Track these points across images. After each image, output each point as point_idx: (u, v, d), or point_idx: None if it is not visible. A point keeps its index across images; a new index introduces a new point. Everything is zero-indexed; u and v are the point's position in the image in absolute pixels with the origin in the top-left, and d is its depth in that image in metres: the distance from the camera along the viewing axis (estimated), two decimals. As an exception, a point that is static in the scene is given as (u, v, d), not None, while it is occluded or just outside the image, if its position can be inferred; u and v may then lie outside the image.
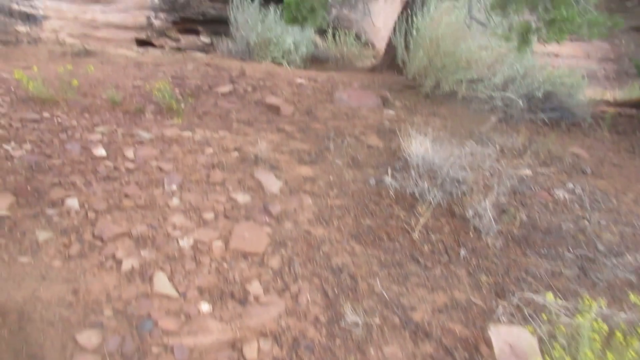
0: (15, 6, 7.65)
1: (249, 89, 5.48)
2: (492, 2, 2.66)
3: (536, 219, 3.56)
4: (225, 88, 5.39)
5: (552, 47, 9.36)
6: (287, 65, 6.94)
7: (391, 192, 3.60)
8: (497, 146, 4.60)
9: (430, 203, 3.46)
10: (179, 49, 8.06)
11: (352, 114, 5.15)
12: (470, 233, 3.32)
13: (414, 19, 5.74)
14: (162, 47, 8.03)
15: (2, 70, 5.24)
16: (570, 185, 4.09)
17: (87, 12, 7.76)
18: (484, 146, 4.56)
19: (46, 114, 4.14)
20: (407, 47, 6.09)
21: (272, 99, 5.09)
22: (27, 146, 3.58)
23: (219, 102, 5.05)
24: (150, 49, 7.86)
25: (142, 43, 8.12)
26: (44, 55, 6.34)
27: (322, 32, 8.43)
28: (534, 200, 3.81)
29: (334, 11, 8.70)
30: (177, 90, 5.16)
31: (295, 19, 3.59)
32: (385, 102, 5.55)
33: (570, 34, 2.92)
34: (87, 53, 6.39)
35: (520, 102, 5.30)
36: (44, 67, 5.74)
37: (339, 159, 4.07)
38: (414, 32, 5.70)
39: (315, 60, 7.90)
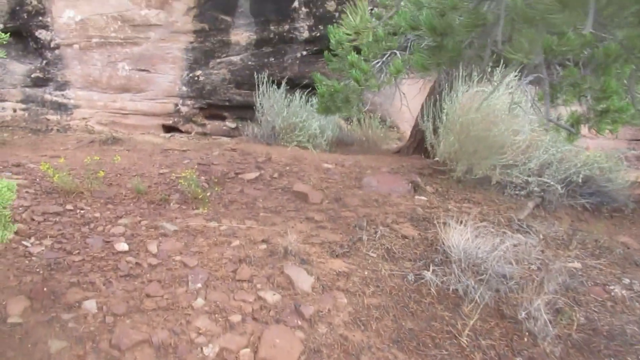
0: (48, 96, 7.88)
1: (276, 175, 5.37)
2: (539, 93, 2.54)
3: (595, 321, 3.21)
4: (252, 174, 5.29)
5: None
6: (312, 149, 6.88)
7: (432, 290, 3.32)
8: (540, 235, 4.32)
9: (477, 302, 3.16)
10: (204, 134, 8.12)
11: (383, 200, 4.95)
12: (525, 337, 2.98)
13: (443, 103, 5.69)
14: (188, 132, 8.11)
15: (30, 161, 5.24)
16: (626, 281, 3.74)
17: (116, 100, 7.95)
18: (526, 235, 4.28)
19: (69, 206, 4.03)
20: (435, 131, 6.00)
21: (299, 186, 4.95)
22: (47, 242, 3.42)
23: (245, 190, 4.93)
24: (177, 135, 7.94)
25: (169, 129, 8.23)
26: (72, 144, 6.39)
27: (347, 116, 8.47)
28: (589, 297, 3.47)
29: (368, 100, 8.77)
30: (202, 178, 5.07)
31: (328, 109, 3.51)
32: (416, 188, 5.36)
33: (624, 125, 2.75)
34: (115, 140, 6.43)
35: (559, 188, 5.05)
36: (71, 155, 5.76)
37: (373, 251, 3.82)
38: (444, 117, 5.62)
39: (340, 143, 7.85)
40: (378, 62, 3.45)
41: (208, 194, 4.62)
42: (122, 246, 3.53)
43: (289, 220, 4.31)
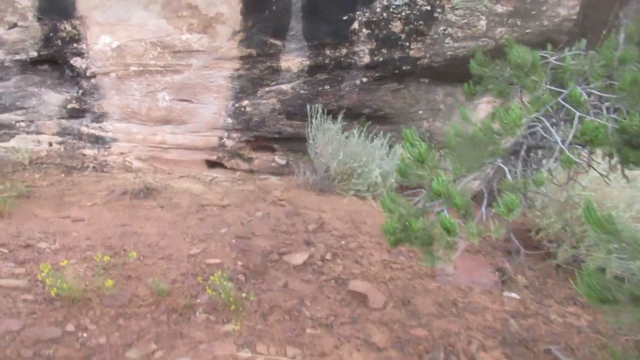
0: (84, 129, 7.26)
1: (328, 256, 4.41)
2: None
3: None
4: (299, 256, 4.35)
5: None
6: (372, 203, 5.86)
7: None
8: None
9: None
10: (251, 172, 7.25)
11: (463, 302, 3.90)
12: None
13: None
14: (233, 169, 7.27)
15: (47, 232, 4.52)
16: None
17: (157, 133, 7.21)
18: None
19: (70, 327, 3.24)
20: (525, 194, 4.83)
21: (357, 284, 3.95)
22: (28, 405, 2.64)
23: (290, 283, 4.00)
24: (220, 175, 7.11)
25: (212, 163, 7.43)
26: (102, 195, 5.69)
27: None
28: None
29: (425, 124, 7.69)
30: (239, 264, 4.18)
31: (399, 242, 2.51)
32: (503, 277, 4.27)
33: None
34: (148, 192, 5.68)
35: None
36: (96, 217, 5.04)
37: (457, 420, 2.80)
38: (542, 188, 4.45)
39: (404, 188, 6.77)
40: (475, 179, 2.40)
41: (243, 294, 3.73)
42: (123, 409, 2.69)
43: (343, 342, 3.35)
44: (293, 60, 6.80)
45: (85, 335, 3.19)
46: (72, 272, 3.69)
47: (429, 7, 6.36)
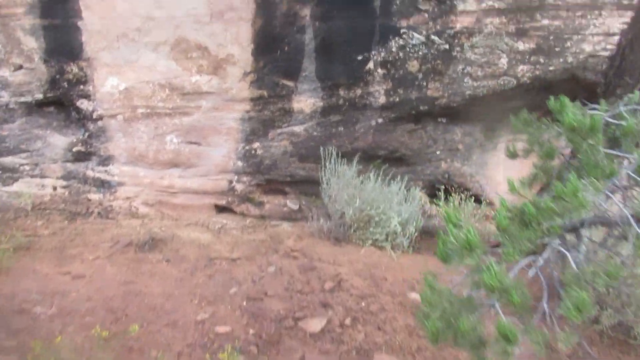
0: (90, 172, 7.02)
1: (348, 321, 4.04)
2: None
3: None
4: (316, 322, 3.98)
5: None
6: (392, 254, 5.51)
7: None
8: None
9: None
10: (262, 217, 6.93)
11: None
12: None
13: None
14: (243, 214, 6.97)
15: (44, 292, 4.20)
16: None
17: (164, 177, 6.94)
18: None
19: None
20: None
21: (382, 358, 3.57)
22: None
23: (307, 355, 3.63)
24: (229, 221, 6.79)
25: (222, 209, 7.13)
26: (105, 247, 5.38)
27: (431, 190, 7.01)
28: None
29: (443, 165, 7.36)
30: (251, 332, 3.82)
31: (443, 341, 2.16)
32: (542, 345, 3.86)
33: None
34: (154, 243, 5.38)
35: None
36: (99, 273, 4.73)
37: None
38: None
39: (425, 234, 6.38)
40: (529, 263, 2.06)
41: (256, 371, 3.37)
42: None
43: None
44: (306, 101, 6.54)
45: None
46: (68, 344, 3.37)
47: (447, 46, 6.10)
